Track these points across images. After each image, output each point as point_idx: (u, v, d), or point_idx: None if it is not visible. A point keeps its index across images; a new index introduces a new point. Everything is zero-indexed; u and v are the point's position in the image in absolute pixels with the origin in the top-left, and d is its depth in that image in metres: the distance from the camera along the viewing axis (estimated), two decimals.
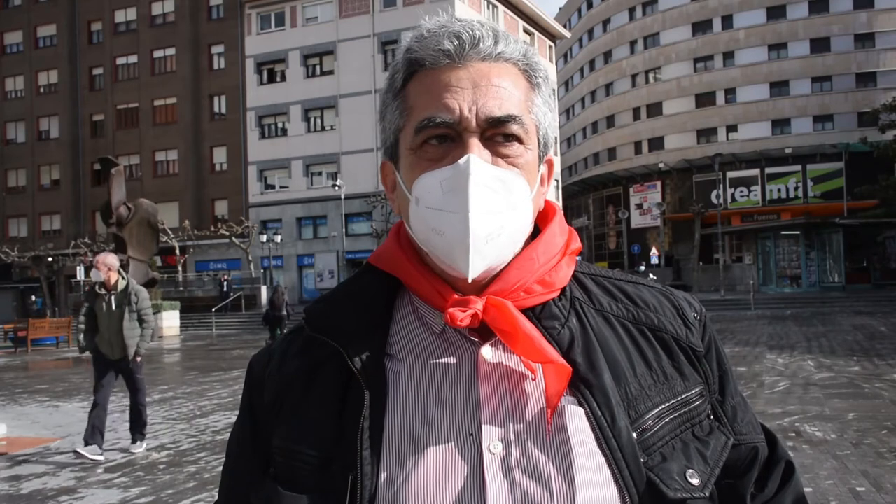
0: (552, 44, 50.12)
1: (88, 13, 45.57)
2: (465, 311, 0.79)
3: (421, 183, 0.81)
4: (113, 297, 7.12)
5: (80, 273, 38.99)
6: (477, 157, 0.78)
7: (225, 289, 34.70)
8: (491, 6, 41.32)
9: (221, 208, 41.87)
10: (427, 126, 0.81)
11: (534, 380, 0.81)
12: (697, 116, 49.69)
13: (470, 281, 0.79)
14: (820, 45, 46.05)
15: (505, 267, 0.84)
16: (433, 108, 0.81)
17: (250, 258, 37.14)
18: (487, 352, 0.82)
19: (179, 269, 38.52)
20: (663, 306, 0.91)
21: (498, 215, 0.78)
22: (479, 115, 0.80)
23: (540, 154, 0.87)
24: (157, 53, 43.79)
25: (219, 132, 41.95)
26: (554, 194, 47.31)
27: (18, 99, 47.52)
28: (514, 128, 0.81)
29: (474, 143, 0.80)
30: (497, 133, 0.81)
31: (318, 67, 40.44)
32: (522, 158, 0.83)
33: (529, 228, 0.85)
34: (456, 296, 0.82)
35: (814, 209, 39.33)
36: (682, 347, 0.88)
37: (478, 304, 0.80)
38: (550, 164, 0.92)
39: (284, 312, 20.48)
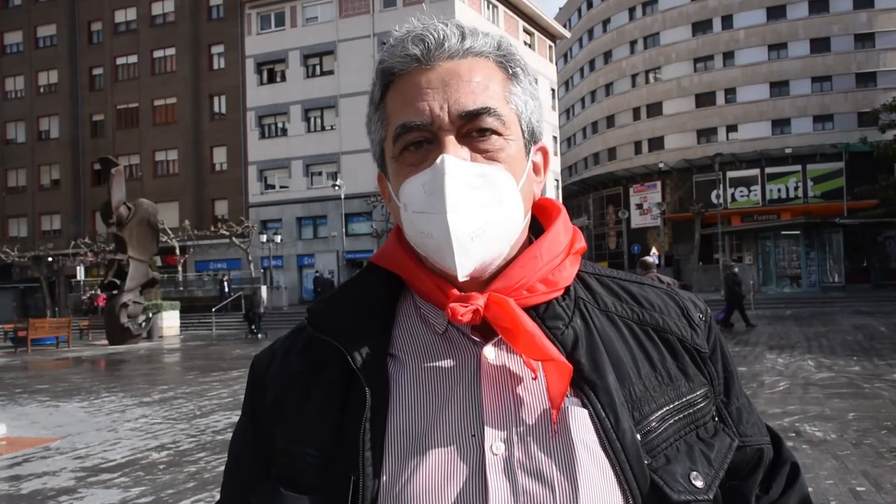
0: (552, 44, 50.10)
1: (88, 13, 45.53)
2: (466, 307, 0.79)
3: (406, 189, 0.81)
4: None
5: (80, 273, 38.98)
6: (451, 157, 0.78)
7: (225, 289, 34.66)
8: (491, 6, 41.30)
9: (221, 208, 41.84)
10: (402, 133, 0.81)
11: (535, 379, 0.80)
12: (697, 116, 49.67)
13: (461, 279, 0.79)
14: (820, 45, 46.04)
15: (508, 264, 0.83)
16: (406, 113, 0.81)
17: (250, 258, 37.12)
18: (490, 352, 0.81)
19: (179, 269, 38.49)
20: (668, 307, 0.91)
21: (480, 211, 0.78)
22: (451, 113, 0.80)
23: (526, 143, 0.86)
24: (157, 53, 43.74)
25: (219, 132, 41.92)
26: (554, 194, 47.29)
27: (18, 99, 47.46)
28: (490, 120, 0.81)
29: (450, 141, 0.79)
30: (473, 128, 0.81)
31: (318, 67, 40.41)
32: (504, 152, 0.82)
33: (521, 221, 0.84)
34: (457, 292, 0.82)
35: (814, 209, 39.28)
36: (686, 348, 0.88)
37: (479, 301, 0.80)
38: (545, 152, 0.91)
39: (262, 310, 25.49)
